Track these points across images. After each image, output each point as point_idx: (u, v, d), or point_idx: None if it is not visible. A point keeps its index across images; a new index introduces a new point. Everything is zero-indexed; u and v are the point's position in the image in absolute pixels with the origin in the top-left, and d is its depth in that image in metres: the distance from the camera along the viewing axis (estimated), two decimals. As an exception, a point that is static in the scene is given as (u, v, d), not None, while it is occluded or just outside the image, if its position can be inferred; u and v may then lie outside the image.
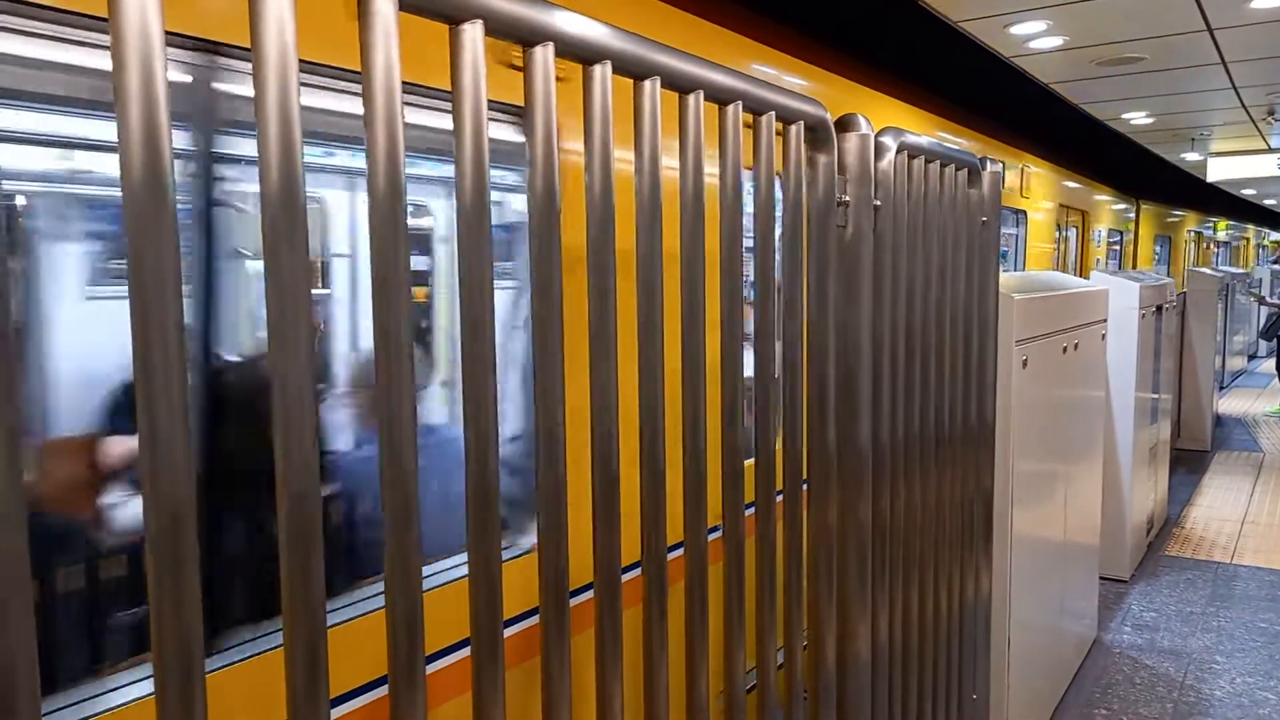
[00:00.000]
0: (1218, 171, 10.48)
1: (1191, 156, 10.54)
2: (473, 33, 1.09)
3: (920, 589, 2.39)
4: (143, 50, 0.77)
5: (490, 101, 1.11)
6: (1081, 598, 4.42)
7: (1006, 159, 6.42)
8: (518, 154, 2.16)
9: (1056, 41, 5.06)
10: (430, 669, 1.19)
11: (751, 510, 1.71)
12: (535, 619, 1.27)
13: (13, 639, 0.69)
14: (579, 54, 1.26)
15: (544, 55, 1.19)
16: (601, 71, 1.29)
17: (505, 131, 2.22)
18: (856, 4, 4.58)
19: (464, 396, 1.12)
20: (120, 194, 0.78)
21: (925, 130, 4.13)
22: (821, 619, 1.99)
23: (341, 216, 2.89)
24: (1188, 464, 8.49)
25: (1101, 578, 4.85)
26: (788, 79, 3.57)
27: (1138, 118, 7.91)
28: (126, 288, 0.78)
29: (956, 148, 2.52)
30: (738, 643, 1.66)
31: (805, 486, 1.92)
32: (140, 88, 0.77)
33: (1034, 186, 7.43)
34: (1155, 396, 6.24)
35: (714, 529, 1.58)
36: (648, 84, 1.39)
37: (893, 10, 4.32)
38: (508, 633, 1.20)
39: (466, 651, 1.17)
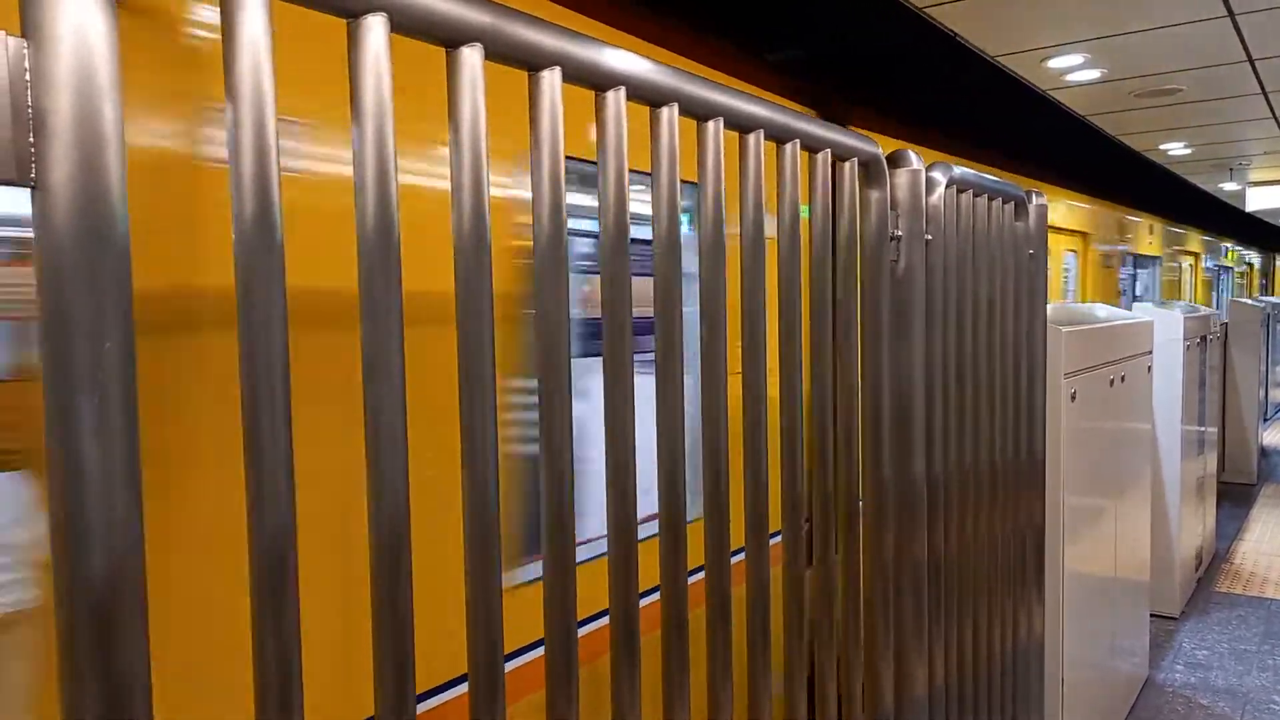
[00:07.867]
0: (1256, 201, 10.36)
1: (1230, 186, 10.43)
2: (550, 79, 1.13)
3: (975, 628, 2.36)
4: (256, 103, 0.81)
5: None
6: (1132, 635, 4.32)
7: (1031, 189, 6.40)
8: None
9: (1095, 74, 5.06)
10: (509, 666, 1.24)
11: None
12: (605, 620, 1.30)
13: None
14: (648, 97, 1.29)
15: (616, 99, 1.22)
16: (669, 114, 1.32)
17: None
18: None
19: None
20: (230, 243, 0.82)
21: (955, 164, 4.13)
22: (878, 657, 1.98)
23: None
24: (1233, 498, 8.30)
25: (1151, 614, 4.74)
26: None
27: (1175, 148, 7.86)
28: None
29: (1002, 181, 2.53)
30: (799, 670, 1.65)
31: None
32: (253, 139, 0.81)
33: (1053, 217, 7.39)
34: (1201, 429, 6.13)
35: (774, 533, 1.60)
36: (711, 124, 1.41)
37: (932, 44, 4.35)
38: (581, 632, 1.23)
39: (540, 651, 1.20)
